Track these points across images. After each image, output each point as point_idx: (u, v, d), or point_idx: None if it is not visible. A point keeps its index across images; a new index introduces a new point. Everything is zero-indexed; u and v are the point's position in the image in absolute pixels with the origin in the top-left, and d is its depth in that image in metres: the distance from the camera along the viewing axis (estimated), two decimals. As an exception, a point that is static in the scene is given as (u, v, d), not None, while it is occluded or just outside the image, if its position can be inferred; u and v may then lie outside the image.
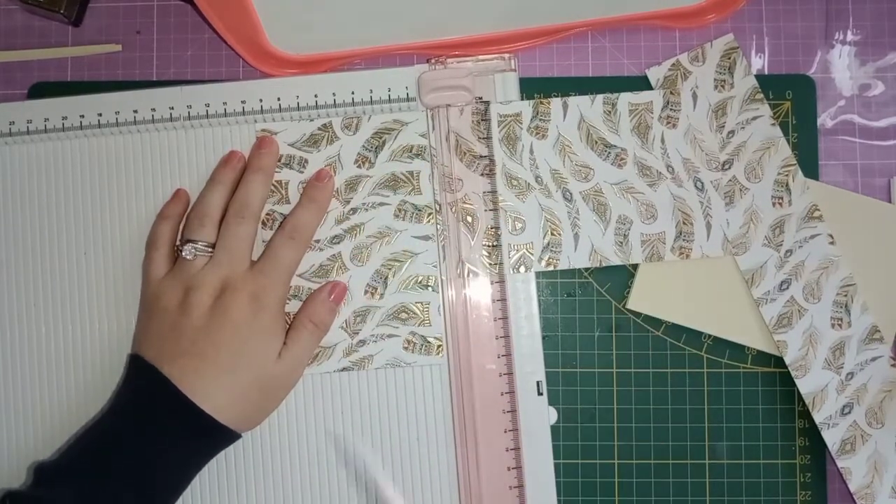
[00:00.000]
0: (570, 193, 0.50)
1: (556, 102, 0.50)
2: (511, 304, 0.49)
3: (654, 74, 0.51)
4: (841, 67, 0.52)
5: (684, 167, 0.50)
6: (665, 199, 0.50)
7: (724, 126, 0.50)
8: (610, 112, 0.50)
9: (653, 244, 0.50)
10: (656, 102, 0.50)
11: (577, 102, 0.50)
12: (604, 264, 0.50)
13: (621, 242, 0.50)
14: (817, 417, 0.49)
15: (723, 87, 0.51)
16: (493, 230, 0.50)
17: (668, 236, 0.50)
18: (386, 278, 0.49)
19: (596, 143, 0.50)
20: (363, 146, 0.50)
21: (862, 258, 0.50)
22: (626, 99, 0.50)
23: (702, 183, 0.50)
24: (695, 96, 0.50)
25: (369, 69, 0.51)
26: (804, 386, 0.49)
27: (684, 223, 0.50)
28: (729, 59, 0.51)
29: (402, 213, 0.50)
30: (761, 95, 0.50)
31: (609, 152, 0.50)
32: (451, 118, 0.50)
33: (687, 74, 0.51)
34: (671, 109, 0.50)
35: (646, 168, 0.50)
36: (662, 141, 0.50)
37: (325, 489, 0.49)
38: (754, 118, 0.50)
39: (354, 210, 0.50)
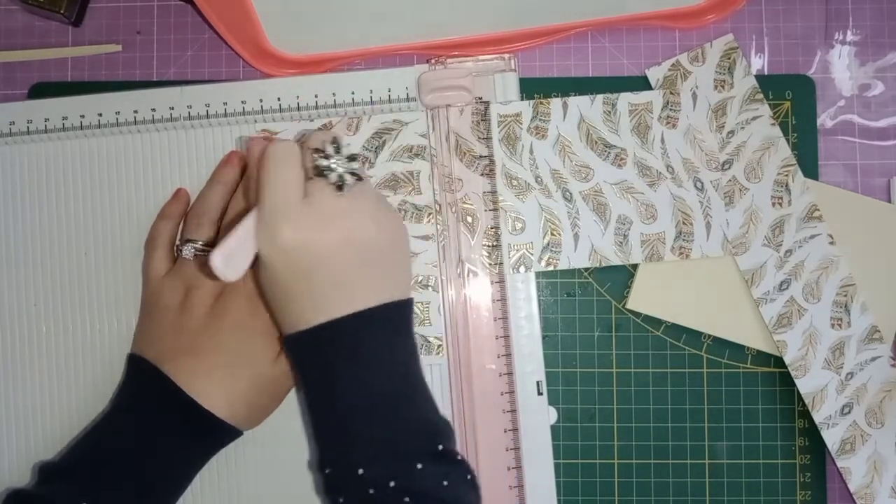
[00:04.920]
0: (570, 193, 0.50)
1: (555, 102, 0.50)
2: (511, 304, 0.49)
3: (654, 74, 0.51)
4: (841, 67, 0.52)
5: (684, 167, 0.50)
6: (665, 199, 0.50)
7: (723, 126, 0.50)
8: (610, 112, 0.50)
9: (653, 244, 0.50)
10: (656, 102, 0.50)
11: (577, 102, 0.50)
12: (604, 264, 0.50)
13: (621, 242, 0.50)
14: (817, 417, 0.49)
15: (723, 87, 0.50)
16: (493, 230, 0.50)
17: (668, 236, 0.50)
18: (386, 278, 0.49)
19: (596, 143, 0.50)
20: (363, 146, 0.50)
21: (862, 258, 0.50)
22: (625, 99, 0.50)
23: (702, 183, 0.50)
24: (694, 96, 0.50)
25: (369, 69, 0.51)
26: (804, 386, 0.49)
27: (684, 223, 0.50)
28: (729, 59, 0.51)
29: (403, 213, 0.50)
30: (761, 95, 0.50)
31: (609, 152, 0.50)
32: (451, 118, 0.50)
33: (687, 74, 0.51)
34: (671, 109, 0.50)
35: (646, 168, 0.50)
36: (662, 141, 0.50)
37: (325, 489, 0.49)
38: (754, 118, 0.50)
39: (354, 210, 0.50)
